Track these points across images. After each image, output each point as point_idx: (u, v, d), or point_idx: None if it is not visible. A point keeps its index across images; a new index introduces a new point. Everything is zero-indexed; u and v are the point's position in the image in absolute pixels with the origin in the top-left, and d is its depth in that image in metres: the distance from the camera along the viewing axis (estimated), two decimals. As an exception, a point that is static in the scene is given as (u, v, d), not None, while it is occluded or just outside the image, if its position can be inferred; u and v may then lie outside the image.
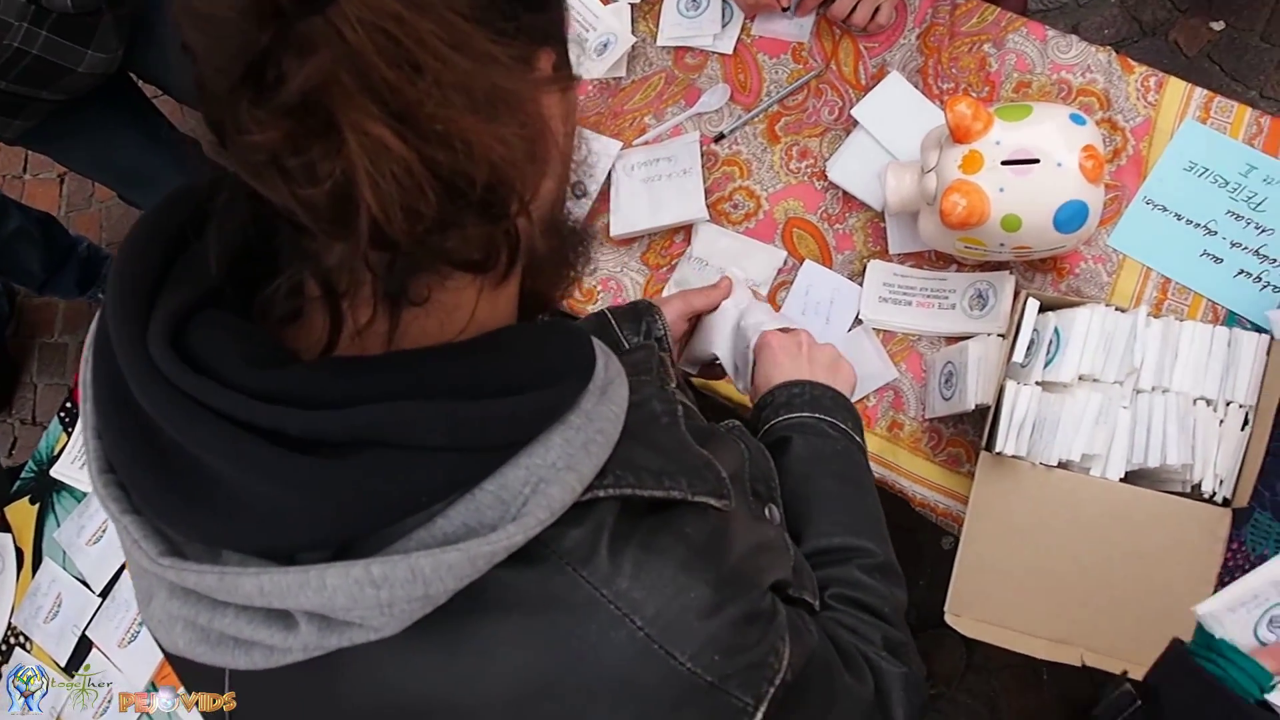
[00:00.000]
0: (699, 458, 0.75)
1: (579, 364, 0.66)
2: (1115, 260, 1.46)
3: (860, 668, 0.88)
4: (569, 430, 0.62)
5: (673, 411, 0.78)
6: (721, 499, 0.72)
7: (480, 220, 0.57)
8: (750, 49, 1.65)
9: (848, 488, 1.07)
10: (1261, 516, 1.37)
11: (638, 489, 0.65)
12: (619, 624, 0.62)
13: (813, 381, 1.14)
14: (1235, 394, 1.31)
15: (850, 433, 1.12)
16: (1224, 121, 1.46)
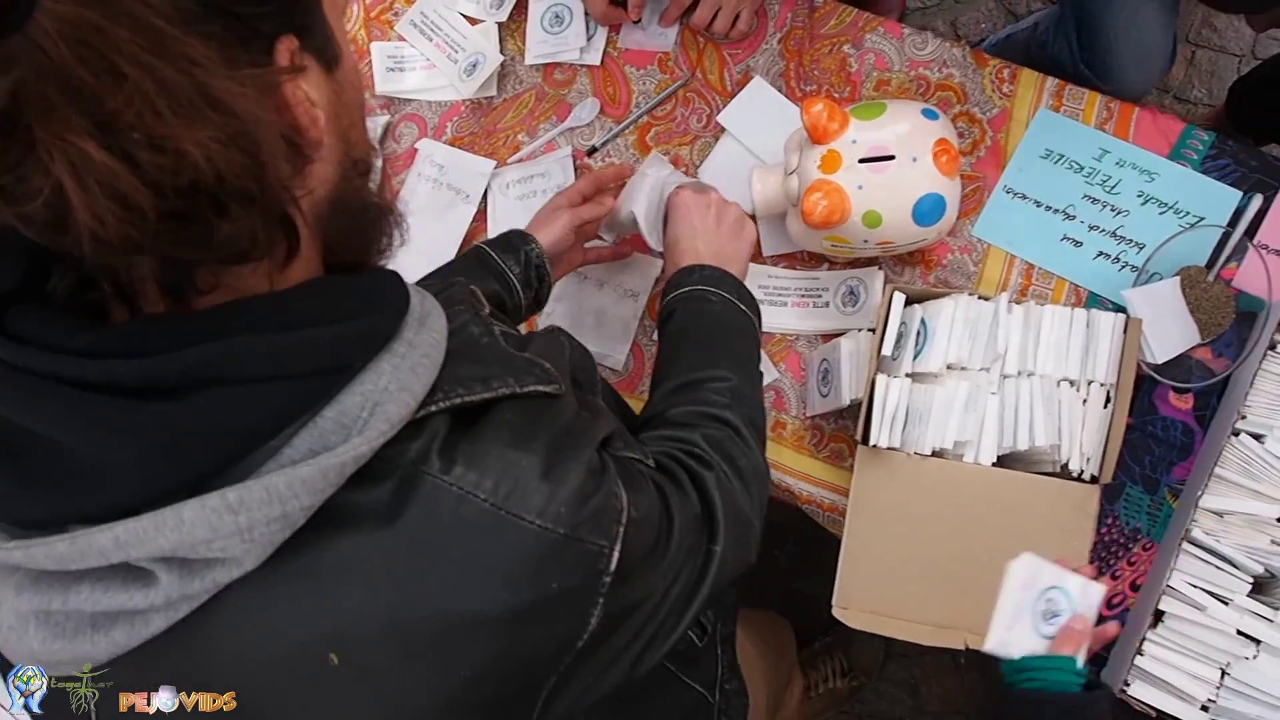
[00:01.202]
0: (522, 360, 0.79)
1: (394, 298, 0.71)
2: (980, 249, 1.49)
3: (682, 484, 0.95)
4: (395, 357, 0.67)
5: (490, 331, 0.82)
6: (550, 384, 0.77)
7: (241, 212, 0.59)
8: (617, 62, 1.66)
9: (712, 333, 1.16)
10: (1133, 490, 1.40)
11: (467, 396, 0.70)
12: (464, 501, 0.66)
13: (708, 265, 1.23)
14: (1096, 373, 1.34)
15: (732, 299, 1.20)
16: (1076, 109, 1.50)
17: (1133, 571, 1.39)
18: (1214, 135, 1.46)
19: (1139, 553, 1.39)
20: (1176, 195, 1.44)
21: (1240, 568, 1.28)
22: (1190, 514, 1.29)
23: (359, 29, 1.78)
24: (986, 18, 2.51)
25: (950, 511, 1.36)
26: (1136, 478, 1.41)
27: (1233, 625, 1.26)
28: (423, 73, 1.72)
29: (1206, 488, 1.29)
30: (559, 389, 0.78)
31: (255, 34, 0.61)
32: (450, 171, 1.66)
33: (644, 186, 1.41)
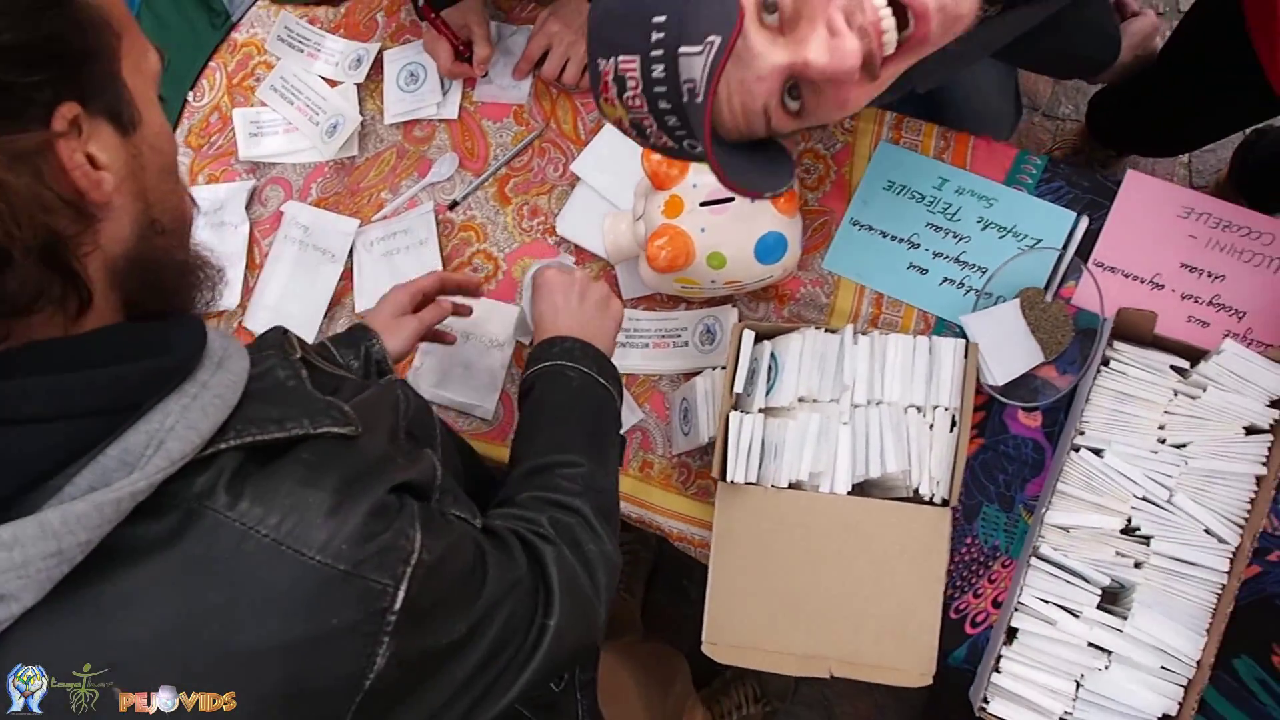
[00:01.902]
0: (322, 402, 0.81)
1: (190, 341, 0.74)
2: (831, 281, 1.52)
3: (511, 549, 0.96)
4: (185, 397, 0.70)
5: (296, 374, 0.85)
6: (346, 426, 0.80)
7: (10, 269, 0.62)
8: (474, 116, 1.68)
9: (568, 414, 1.17)
10: (990, 509, 1.43)
11: (260, 435, 0.72)
12: (246, 537, 0.68)
13: (570, 337, 1.24)
14: (940, 398, 1.38)
15: (590, 374, 1.21)
16: (915, 140, 1.54)
17: (994, 589, 1.41)
18: (1046, 159, 1.50)
19: (999, 570, 1.42)
20: (1014, 219, 1.48)
21: (1088, 580, 1.31)
22: (1037, 530, 1.32)
23: (222, 96, 1.80)
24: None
25: (810, 542, 1.38)
26: (992, 496, 1.44)
27: (1084, 638, 1.29)
28: (284, 136, 1.73)
29: (1051, 504, 1.33)
30: (354, 430, 0.80)
31: (27, 103, 0.64)
32: (315, 233, 1.67)
33: (526, 286, 1.48)
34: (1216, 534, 1.28)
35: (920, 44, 0.97)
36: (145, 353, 0.70)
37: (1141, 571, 1.30)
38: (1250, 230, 1.43)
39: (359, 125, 1.70)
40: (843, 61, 0.92)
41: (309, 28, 1.78)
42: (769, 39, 0.95)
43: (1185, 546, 1.29)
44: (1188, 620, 1.28)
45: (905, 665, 1.36)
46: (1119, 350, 1.33)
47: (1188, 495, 1.29)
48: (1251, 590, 1.35)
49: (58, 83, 0.66)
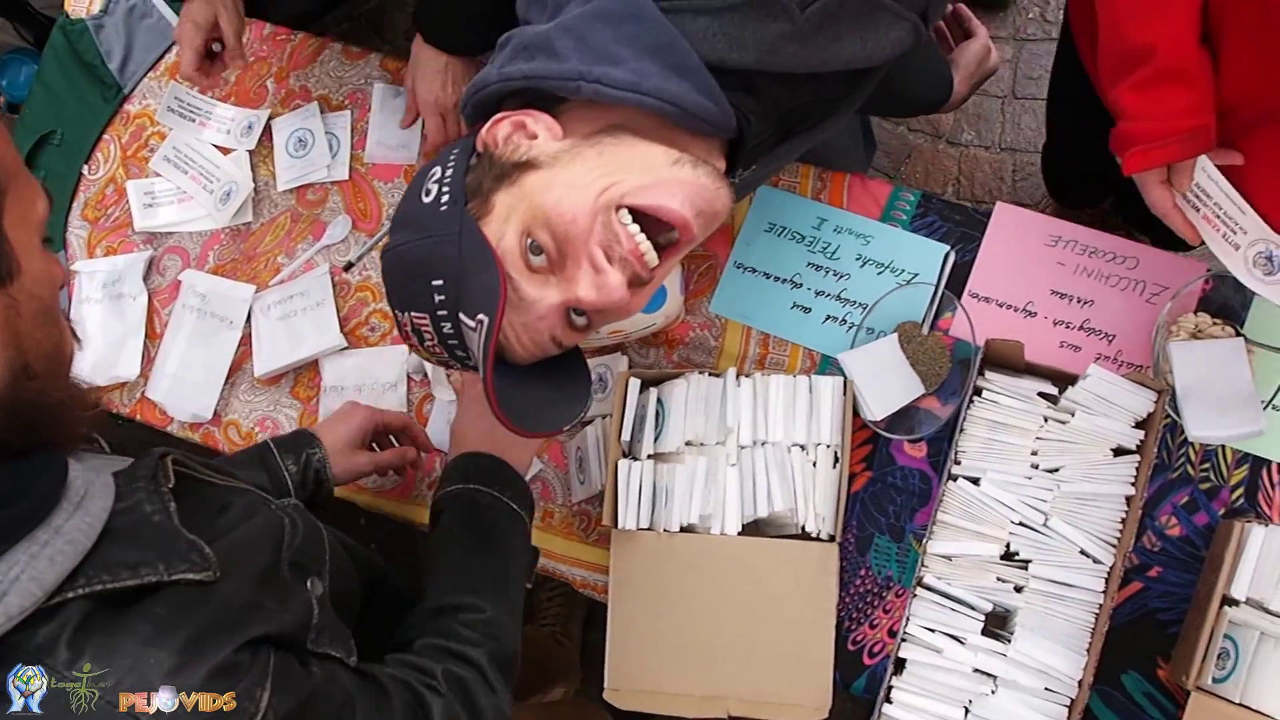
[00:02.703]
0: (185, 542, 0.82)
1: (47, 485, 0.75)
2: (719, 324, 1.55)
3: (389, 700, 0.97)
4: (34, 545, 0.71)
5: (164, 509, 0.84)
6: (203, 571, 0.80)
7: None
8: (365, 177, 1.71)
9: (477, 550, 1.18)
10: (881, 540, 1.46)
11: (111, 583, 0.73)
12: (80, 697, 0.70)
13: (486, 454, 1.26)
14: (822, 436, 1.41)
15: (503, 499, 1.22)
16: (793, 182, 1.57)
17: (889, 619, 1.44)
18: (919, 195, 1.54)
19: (893, 600, 1.44)
20: (891, 255, 1.52)
21: (972, 607, 1.34)
22: (920, 560, 1.35)
23: (117, 168, 1.81)
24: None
25: (704, 583, 1.40)
26: (883, 528, 1.47)
27: (969, 664, 1.32)
28: (179, 206, 1.75)
29: (932, 533, 1.36)
30: (212, 576, 0.80)
31: None
32: (213, 300, 1.69)
33: None
34: (1091, 555, 1.32)
35: (688, 244, 1.06)
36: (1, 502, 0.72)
37: (1022, 595, 1.33)
38: (1115, 255, 1.47)
39: (252, 191, 1.72)
40: (610, 295, 1.00)
41: (199, 97, 1.80)
42: (540, 282, 1.02)
43: (1062, 569, 1.32)
44: (1068, 641, 1.31)
45: (801, 700, 1.38)
46: (990, 380, 1.37)
47: (1062, 518, 1.33)
48: (1135, 607, 1.39)
49: None
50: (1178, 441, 1.42)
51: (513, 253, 1.01)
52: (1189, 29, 1.12)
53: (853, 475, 1.48)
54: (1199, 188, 1.22)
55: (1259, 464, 1.39)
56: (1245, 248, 1.24)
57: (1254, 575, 1.25)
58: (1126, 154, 1.19)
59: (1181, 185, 1.22)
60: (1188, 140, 1.16)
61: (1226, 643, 1.26)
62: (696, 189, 1.02)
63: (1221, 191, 1.21)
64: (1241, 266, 1.26)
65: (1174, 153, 1.18)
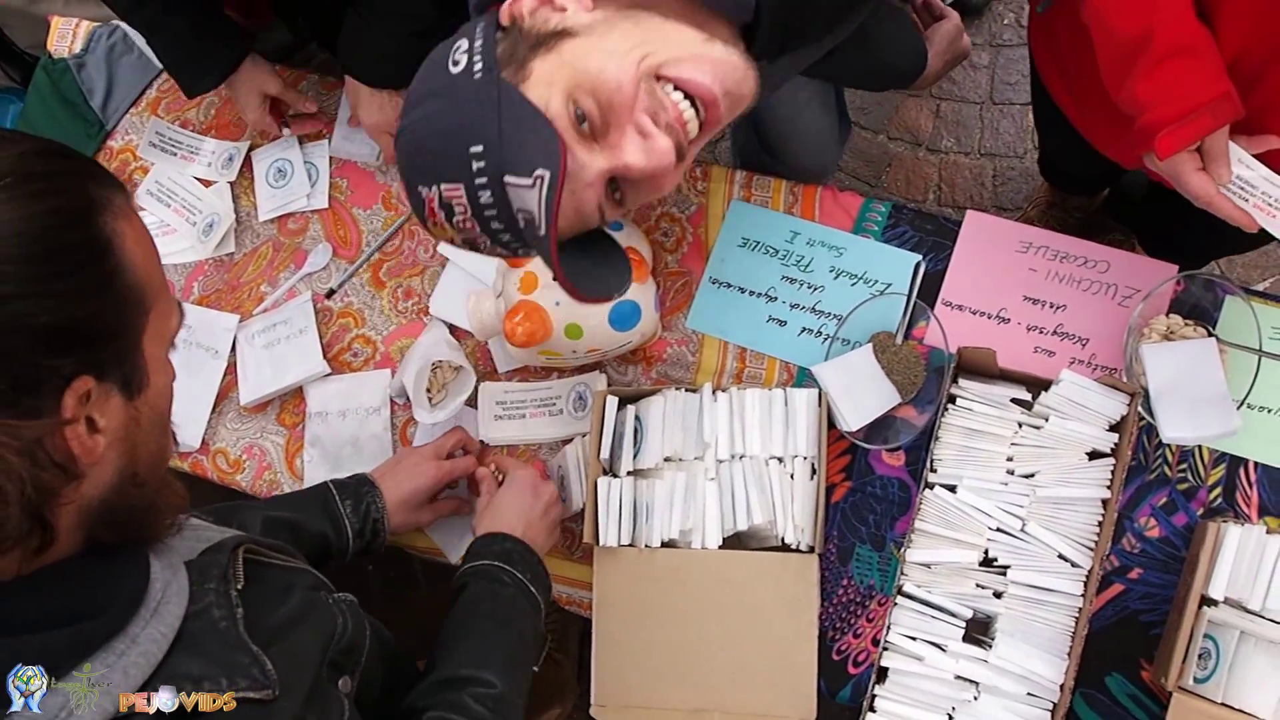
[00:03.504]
0: (248, 655, 0.83)
1: (129, 593, 0.77)
2: (696, 340, 1.57)
3: None
4: (111, 655, 0.73)
5: (231, 615, 0.85)
6: (262, 690, 0.81)
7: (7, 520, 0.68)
8: (345, 205, 1.73)
9: (495, 626, 1.20)
10: (863, 550, 1.47)
11: None
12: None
13: (513, 537, 1.30)
14: (799, 448, 1.42)
15: (524, 582, 1.26)
16: (765, 196, 1.59)
17: (872, 628, 1.45)
18: (890, 205, 1.56)
19: (875, 608, 1.45)
20: (864, 266, 1.53)
21: (953, 614, 1.35)
22: (900, 568, 1.36)
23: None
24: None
25: (687, 598, 1.41)
26: (864, 537, 1.47)
27: (951, 671, 1.33)
28: (163, 239, 1.77)
29: (911, 542, 1.37)
30: (271, 694, 0.81)
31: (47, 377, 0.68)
32: (198, 331, 1.71)
33: (414, 356, 1.52)
34: (1069, 558, 1.32)
35: (714, 124, 1.04)
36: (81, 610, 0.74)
37: (1002, 601, 1.33)
38: (1086, 260, 1.48)
39: (234, 222, 1.74)
40: (660, 160, 0.99)
41: (181, 131, 1.83)
42: (587, 148, 1.00)
43: (1041, 573, 1.32)
44: (1049, 645, 1.32)
45: (786, 711, 1.39)
46: (964, 387, 1.38)
47: (1039, 523, 1.33)
48: (1117, 609, 1.40)
49: (79, 360, 0.70)
50: (1154, 443, 1.42)
51: (561, 118, 0.97)
52: (1183, 3, 1.11)
53: (832, 486, 1.49)
54: (1240, 179, 1.18)
55: (1236, 463, 1.40)
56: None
57: (1231, 575, 1.25)
58: (1155, 142, 1.14)
59: (1221, 177, 1.17)
60: (1213, 110, 1.12)
61: (1207, 643, 1.27)
62: (728, 68, 1.01)
63: (1265, 179, 1.18)
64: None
65: (1204, 124, 1.13)
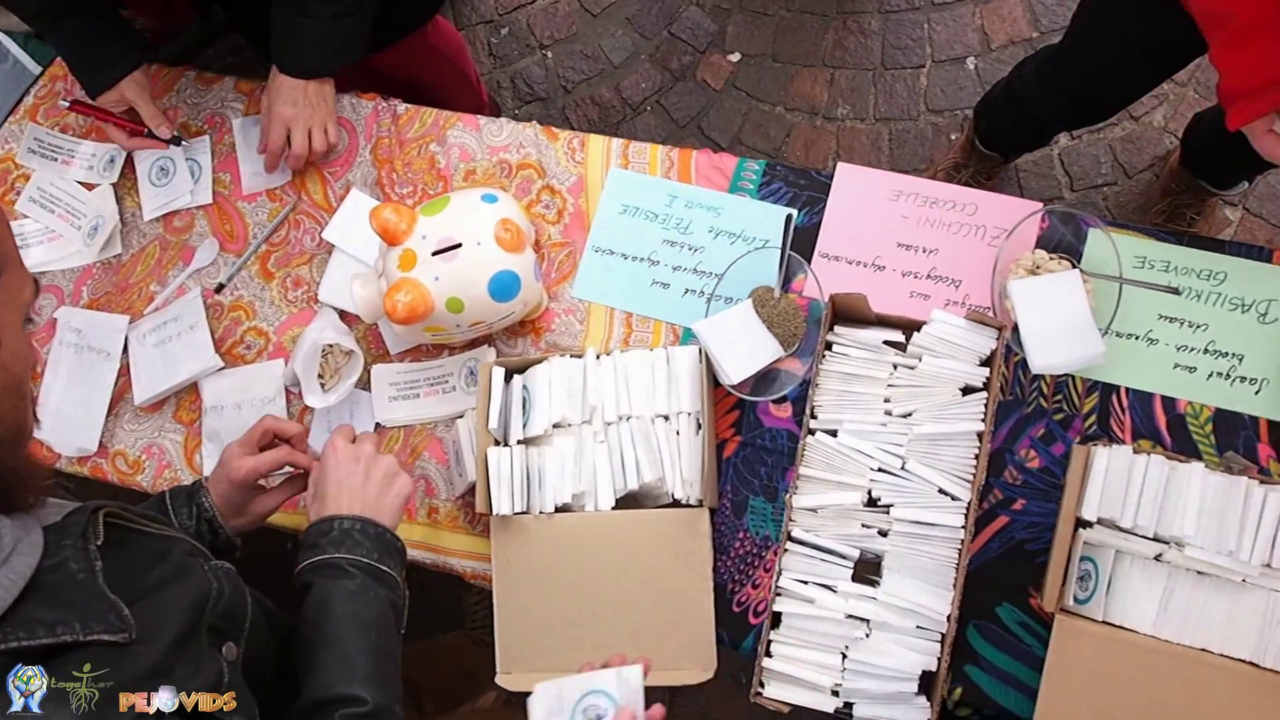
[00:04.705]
0: (105, 603, 0.84)
1: None
2: (583, 309, 1.58)
3: None
4: None
5: (90, 568, 0.86)
6: (119, 633, 0.82)
7: None
8: (229, 200, 1.73)
9: (353, 630, 1.12)
10: (756, 501, 1.49)
11: (26, 640, 0.77)
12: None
13: (348, 516, 1.21)
14: (682, 405, 1.44)
15: (370, 563, 1.18)
16: (642, 162, 1.61)
17: (770, 578, 1.47)
18: (765, 164, 1.58)
19: (771, 559, 1.47)
20: (741, 224, 1.56)
21: (842, 556, 1.37)
22: (787, 514, 1.38)
23: (-16, 214, 1.82)
24: (645, 78, 2.65)
25: (584, 560, 1.43)
26: (757, 489, 1.50)
27: (841, 611, 1.35)
28: (49, 245, 1.76)
29: (796, 488, 1.39)
30: (127, 638, 0.83)
31: None
32: (89, 334, 1.70)
33: (304, 343, 1.53)
34: (949, 492, 1.35)
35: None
36: None
37: (888, 539, 1.36)
38: (955, 203, 1.52)
39: (119, 224, 1.73)
40: None
41: (60, 136, 1.82)
42: None
43: (923, 509, 1.35)
44: (934, 578, 1.35)
45: (688, 663, 1.41)
46: (839, 334, 1.41)
47: (919, 460, 1.36)
48: (1003, 540, 1.43)
49: None
50: (1030, 378, 1.46)
51: None
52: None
53: (723, 442, 1.51)
54: None
55: (1108, 390, 1.44)
56: None
57: (1102, 495, 1.29)
58: (1231, 110, 1.24)
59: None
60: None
61: (1086, 565, 1.30)
62: None
63: None
64: None
65: (1275, 99, 1.21)
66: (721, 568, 1.48)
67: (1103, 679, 1.26)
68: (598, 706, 1.13)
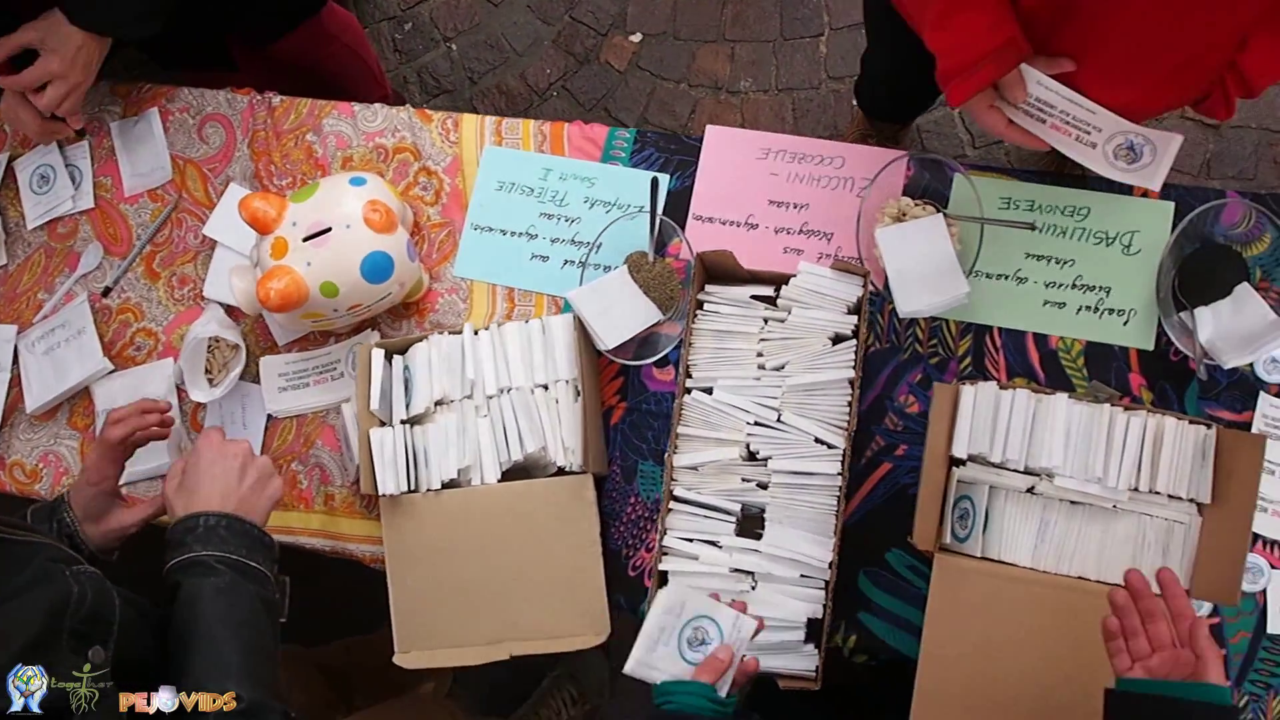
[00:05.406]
0: None
1: None
2: (465, 287, 1.59)
3: None
4: None
5: None
6: None
7: None
8: (112, 203, 1.72)
9: (224, 629, 1.10)
10: (645, 465, 1.50)
11: None
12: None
13: (214, 513, 1.19)
14: (560, 372, 1.45)
15: (238, 559, 1.16)
16: (515, 139, 1.62)
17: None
18: (635, 131, 1.59)
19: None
20: (615, 192, 1.57)
21: (725, 511, 1.38)
22: (668, 474, 1.39)
23: None
24: (550, 63, 2.66)
25: (474, 534, 1.43)
26: (645, 454, 1.51)
27: (726, 565, 1.36)
28: (-68, 260, 1.75)
29: (676, 447, 1.40)
30: None
31: None
32: (-22, 347, 1.69)
33: (189, 339, 1.54)
34: (825, 441, 1.37)
35: None
36: None
37: (768, 491, 1.37)
38: (822, 158, 1.53)
39: (2, 235, 1.73)
40: None
41: (-61, 150, 1.81)
42: None
43: (800, 459, 1.37)
44: (815, 527, 1.36)
45: (581, 628, 1.42)
46: (710, 292, 1.42)
47: (794, 411, 1.37)
48: (888, 486, 1.45)
49: None
50: (905, 324, 1.47)
51: None
52: None
53: (610, 409, 1.52)
54: (1040, 101, 1.24)
55: (981, 331, 1.46)
56: (1103, 144, 1.27)
57: (971, 432, 1.30)
58: (947, 89, 1.22)
59: (1016, 97, 1.23)
60: (997, 57, 1.18)
61: (965, 503, 1.32)
62: None
63: (1064, 98, 1.23)
64: (1103, 162, 1.28)
65: (989, 72, 1.20)
66: (616, 533, 1.49)
67: (983, 613, 1.28)
68: (706, 631, 1.18)
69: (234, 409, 1.61)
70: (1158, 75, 1.18)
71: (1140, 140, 1.24)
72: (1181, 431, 1.27)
